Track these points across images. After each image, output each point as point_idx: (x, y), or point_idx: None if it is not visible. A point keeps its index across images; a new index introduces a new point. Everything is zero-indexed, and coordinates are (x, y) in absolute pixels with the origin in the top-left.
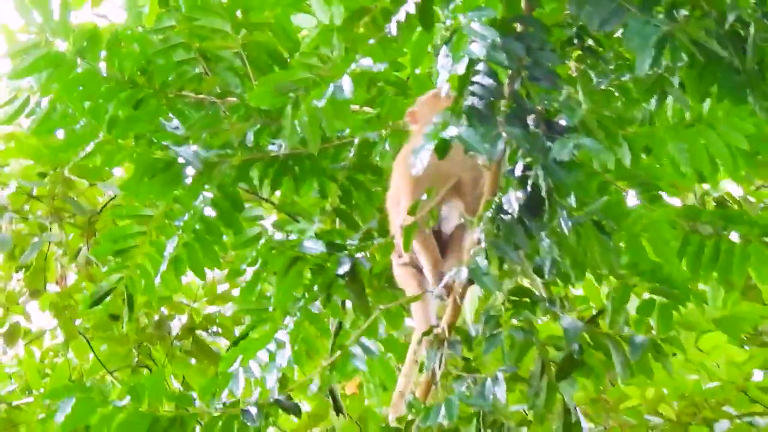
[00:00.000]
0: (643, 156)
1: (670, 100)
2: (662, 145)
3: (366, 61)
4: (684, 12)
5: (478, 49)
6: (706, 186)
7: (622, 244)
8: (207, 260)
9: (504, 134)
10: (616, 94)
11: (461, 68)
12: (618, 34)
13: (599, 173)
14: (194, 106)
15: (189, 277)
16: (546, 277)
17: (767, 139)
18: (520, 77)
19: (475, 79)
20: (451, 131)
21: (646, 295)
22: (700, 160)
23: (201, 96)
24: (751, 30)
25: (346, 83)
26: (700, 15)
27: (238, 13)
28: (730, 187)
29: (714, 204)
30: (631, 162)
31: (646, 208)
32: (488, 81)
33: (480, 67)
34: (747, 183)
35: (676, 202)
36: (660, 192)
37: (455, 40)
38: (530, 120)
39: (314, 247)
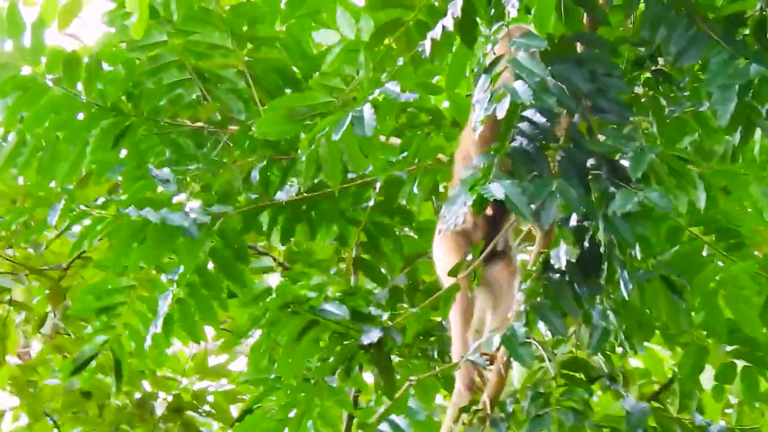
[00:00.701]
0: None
1: (758, 134)
2: (744, 186)
3: (395, 86)
4: None
5: (523, 89)
6: None
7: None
8: (204, 320)
9: (558, 194)
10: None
11: (501, 111)
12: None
13: (669, 217)
14: (190, 136)
15: (176, 347)
16: (596, 348)
17: None
18: (581, 108)
19: (525, 113)
20: (494, 189)
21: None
22: None
23: (198, 124)
24: None
25: (367, 112)
26: None
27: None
28: None
29: None
30: (708, 204)
31: (723, 259)
32: (540, 118)
33: None
34: None
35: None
36: (741, 240)
37: (497, 72)
38: (591, 161)
39: (337, 312)
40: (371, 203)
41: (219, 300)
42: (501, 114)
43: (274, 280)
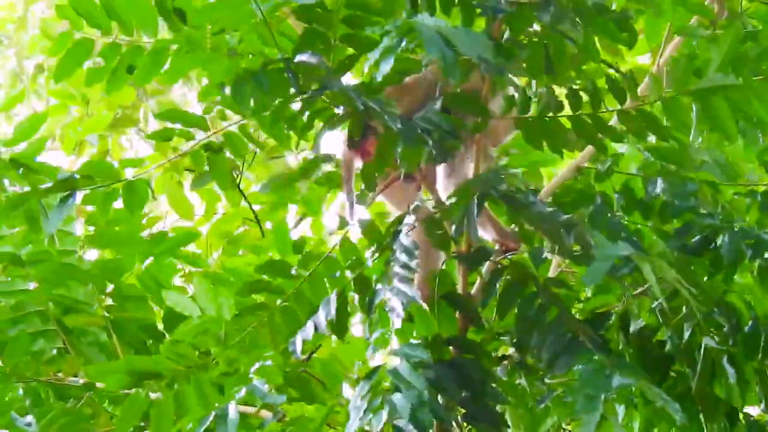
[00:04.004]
0: None
1: None
2: None
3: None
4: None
5: (402, 404)
6: None
7: None
8: None
9: None
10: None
11: (378, 424)
12: None
13: None
14: (54, 389)
15: None
16: None
17: None
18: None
19: (398, 422)
20: None
21: None
22: None
23: (60, 380)
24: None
25: (232, 412)
26: None
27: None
28: None
29: None
30: None
31: None
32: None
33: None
34: None
35: None
36: None
37: (377, 378)
38: None
39: None
40: None
41: None
42: (377, 428)
43: None
